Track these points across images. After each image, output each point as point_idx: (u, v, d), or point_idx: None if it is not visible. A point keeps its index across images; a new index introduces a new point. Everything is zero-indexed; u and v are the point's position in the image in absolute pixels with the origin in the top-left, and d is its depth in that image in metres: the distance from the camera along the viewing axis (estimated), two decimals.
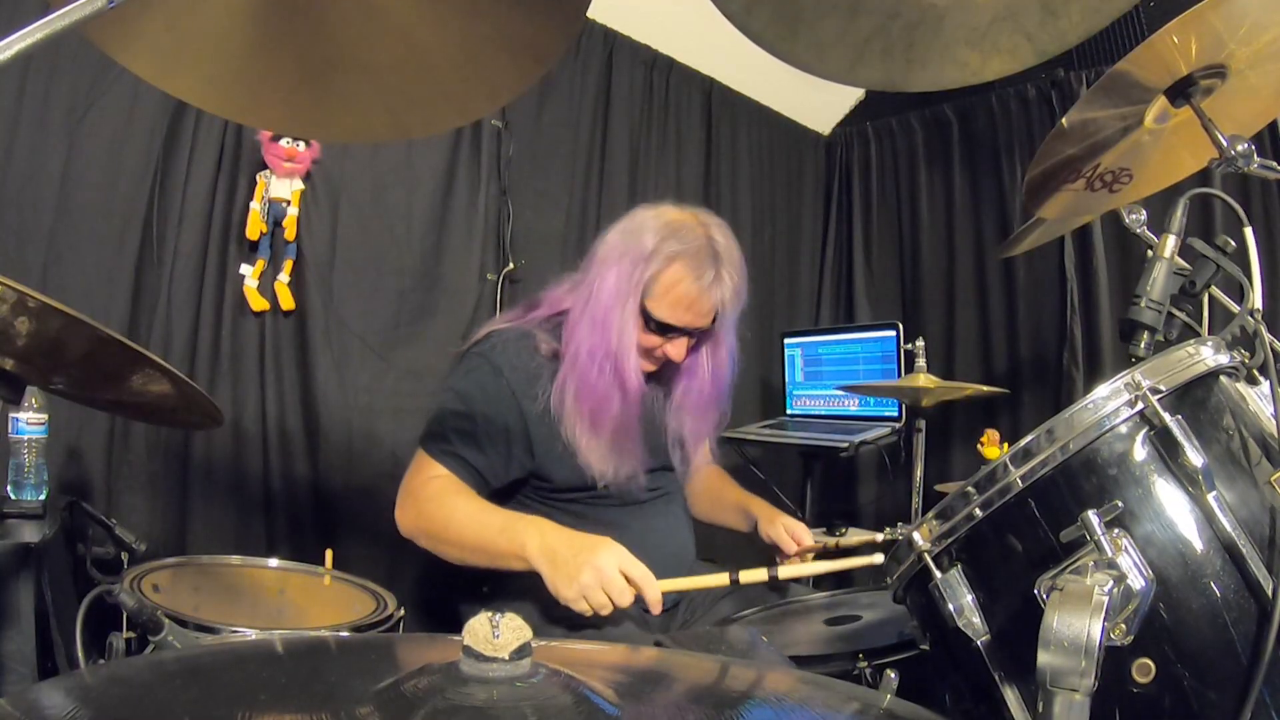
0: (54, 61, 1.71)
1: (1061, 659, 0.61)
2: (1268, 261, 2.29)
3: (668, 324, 1.41)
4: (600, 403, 1.40)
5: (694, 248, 1.40)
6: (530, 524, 1.31)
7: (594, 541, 1.27)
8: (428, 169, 2.28)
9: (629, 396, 1.42)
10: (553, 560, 1.26)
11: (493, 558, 1.32)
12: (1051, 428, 0.77)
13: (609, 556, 1.24)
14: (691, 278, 1.39)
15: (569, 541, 1.27)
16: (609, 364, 1.40)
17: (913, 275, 3.17)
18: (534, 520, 1.32)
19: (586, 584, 1.22)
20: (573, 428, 1.40)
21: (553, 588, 1.25)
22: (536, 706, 0.54)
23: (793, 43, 0.93)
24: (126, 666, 0.76)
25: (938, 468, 2.81)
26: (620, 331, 1.40)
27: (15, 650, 1.16)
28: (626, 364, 1.40)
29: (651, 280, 1.40)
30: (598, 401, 1.40)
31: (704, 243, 1.41)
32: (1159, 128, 1.10)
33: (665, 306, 1.41)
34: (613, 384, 1.40)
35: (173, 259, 1.88)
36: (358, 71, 0.78)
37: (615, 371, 1.40)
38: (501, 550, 1.30)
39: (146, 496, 1.82)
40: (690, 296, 1.40)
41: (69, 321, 0.80)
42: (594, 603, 1.22)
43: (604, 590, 1.22)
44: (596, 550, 1.24)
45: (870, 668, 1.09)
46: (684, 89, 2.94)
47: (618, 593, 1.22)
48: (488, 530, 1.32)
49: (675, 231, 1.42)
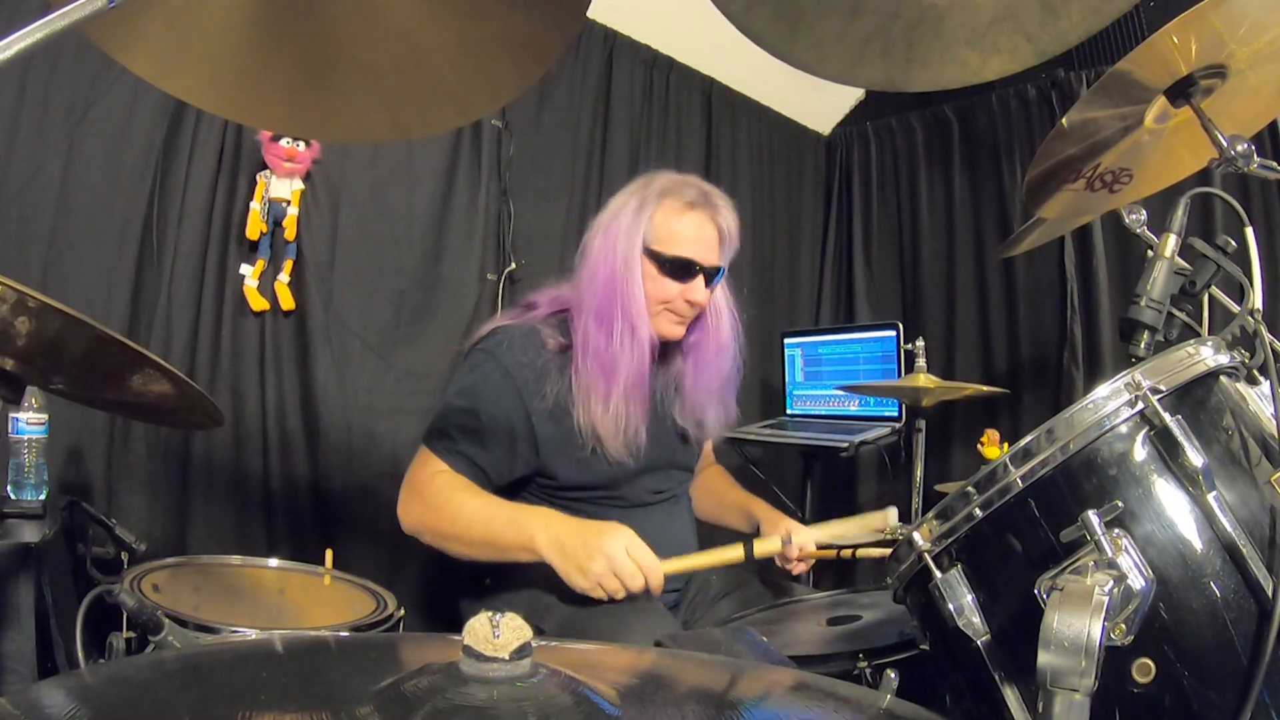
0: (54, 61, 1.71)
1: (1062, 659, 0.61)
2: (1268, 261, 2.29)
3: (676, 258, 1.42)
4: (613, 362, 1.39)
5: (677, 182, 1.46)
6: (537, 515, 1.32)
7: (600, 528, 1.28)
8: (428, 169, 2.28)
9: (639, 346, 1.41)
10: (563, 551, 1.27)
11: (500, 551, 1.32)
12: (1051, 428, 0.76)
13: (616, 542, 1.26)
14: (684, 203, 1.43)
15: (577, 531, 1.29)
16: (619, 320, 1.40)
17: (913, 275, 3.17)
18: (540, 511, 1.33)
19: (599, 572, 1.24)
20: (586, 406, 1.39)
21: (566, 578, 1.27)
22: (536, 706, 0.54)
23: (793, 43, 0.93)
24: (126, 666, 0.76)
25: (938, 468, 2.81)
26: (627, 284, 1.41)
27: (15, 650, 1.16)
28: (636, 314, 1.40)
29: (648, 224, 1.42)
30: (611, 362, 1.39)
31: (686, 179, 1.47)
32: (1159, 128, 1.09)
33: (670, 240, 1.42)
34: (624, 338, 1.40)
35: (173, 259, 1.88)
36: (358, 71, 0.78)
37: (625, 324, 1.40)
38: (509, 543, 1.31)
39: (146, 496, 1.82)
40: (688, 218, 1.42)
41: (69, 321, 0.80)
42: (608, 589, 1.25)
43: (616, 576, 1.24)
44: (604, 536, 1.26)
45: (870, 668, 1.09)
46: (684, 89, 2.94)
47: (629, 577, 1.25)
48: (495, 523, 1.33)
49: (652, 179, 1.47)
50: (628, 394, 1.40)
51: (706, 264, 1.44)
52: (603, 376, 1.39)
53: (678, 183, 1.45)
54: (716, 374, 1.56)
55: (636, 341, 1.40)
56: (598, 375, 1.39)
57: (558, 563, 1.27)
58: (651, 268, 1.42)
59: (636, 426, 1.42)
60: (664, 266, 1.42)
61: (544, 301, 1.53)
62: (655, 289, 1.43)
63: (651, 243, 1.42)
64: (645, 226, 1.42)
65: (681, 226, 1.42)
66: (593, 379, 1.39)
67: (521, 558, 1.31)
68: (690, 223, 1.43)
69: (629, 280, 1.41)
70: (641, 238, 1.42)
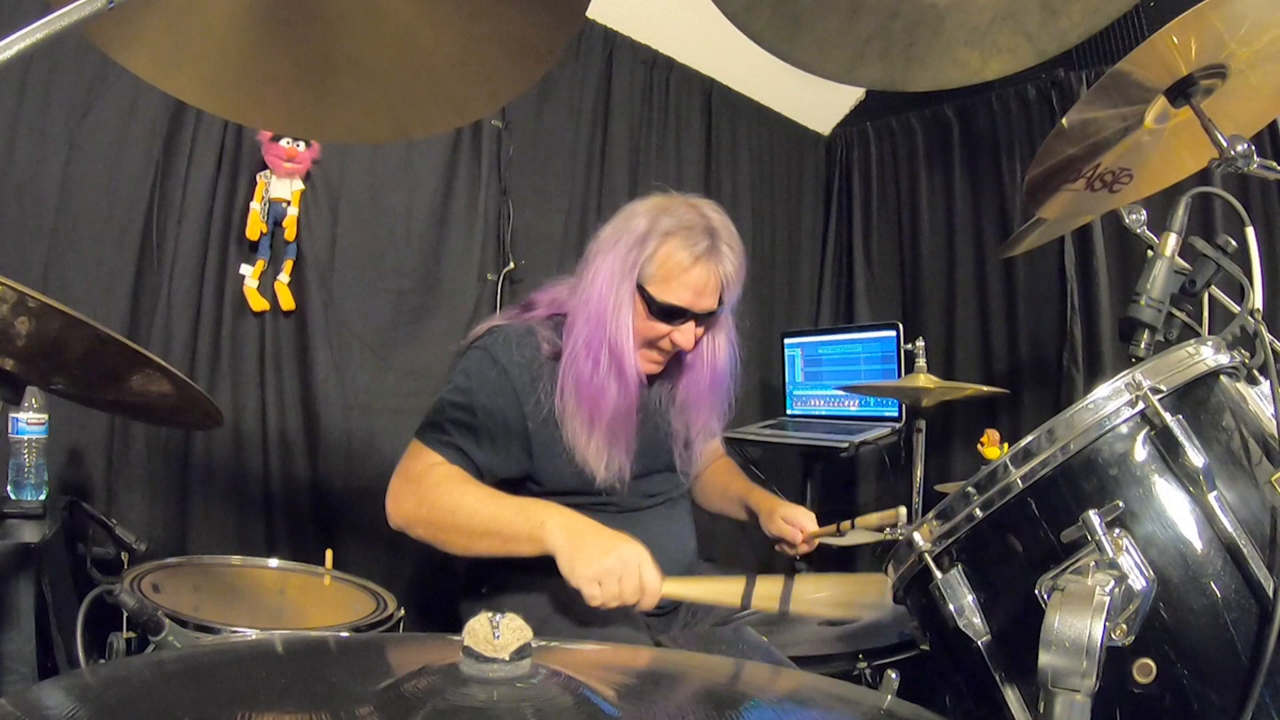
0: (54, 61, 1.71)
1: (1062, 659, 0.61)
2: (1268, 261, 2.29)
3: (670, 306, 1.37)
4: (597, 394, 1.36)
5: (688, 222, 1.38)
6: (547, 505, 1.30)
7: (621, 535, 1.25)
8: (428, 169, 2.28)
9: (626, 386, 1.37)
10: (578, 536, 1.24)
11: (506, 541, 1.28)
12: (1052, 428, 0.76)
13: (634, 552, 1.22)
14: (689, 253, 1.35)
15: (596, 526, 1.26)
16: (605, 354, 1.36)
17: (913, 275, 3.17)
18: (551, 503, 1.31)
19: (609, 567, 1.20)
20: (573, 427, 1.37)
21: (570, 565, 1.22)
22: (536, 707, 0.54)
23: (793, 43, 0.93)
24: (126, 666, 0.76)
25: (938, 468, 2.81)
26: (616, 318, 1.36)
27: (15, 650, 1.16)
28: (623, 352, 1.36)
29: (648, 260, 1.37)
30: (595, 393, 1.36)
31: (698, 218, 1.39)
32: (1159, 128, 1.09)
33: (665, 286, 1.37)
34: (609, 374, 1.36)
35: (173, 259, 1.88)
36: (358, 71, 0.78)
37: (612, 361, 1.36)
38: (517, 530, 1.27)
39: (146, 496, 1.82)
40: (690, 272, 1.36)
41: (69, 321, 0.80)
42: (606, 590, 1.20)
43: (619, 582, 1.20)
44: (624, 542, 1.23)
45: (870, 668, 1.09)
46: (684, 89, 2.94)
47: (630, 590, 1.21)
48: (504, 511, 1.29)
49: (667, 210, 1.40)
50: (611, 430, 1.37)
51: (700, 310, 1.39)
52: (586, 405, 1.36)
53: (688, 225, 1.37)
54: (706, 410, 1.53)
55: (624, 380, 1.37)
56: (582, 402, 1.36)
57: (567, 548, 1.23)
58: (642, 307, 1.38)
59: (620, 463, 1.39)
60: (654, 309, 1.38)
61: (543, 302, 1.52)
62: (643, 326, 1.39)
63: (647, 282, 1.37)
64: (644, 265, 1.37)
65: (681, 277, 1.36)
66: (576, 403, 1.37)
67: (524, 549, 1.27)
68: (691, 275, 1.37)
69: (619, 317, 1.37)
70: (638, 274, 1.37)
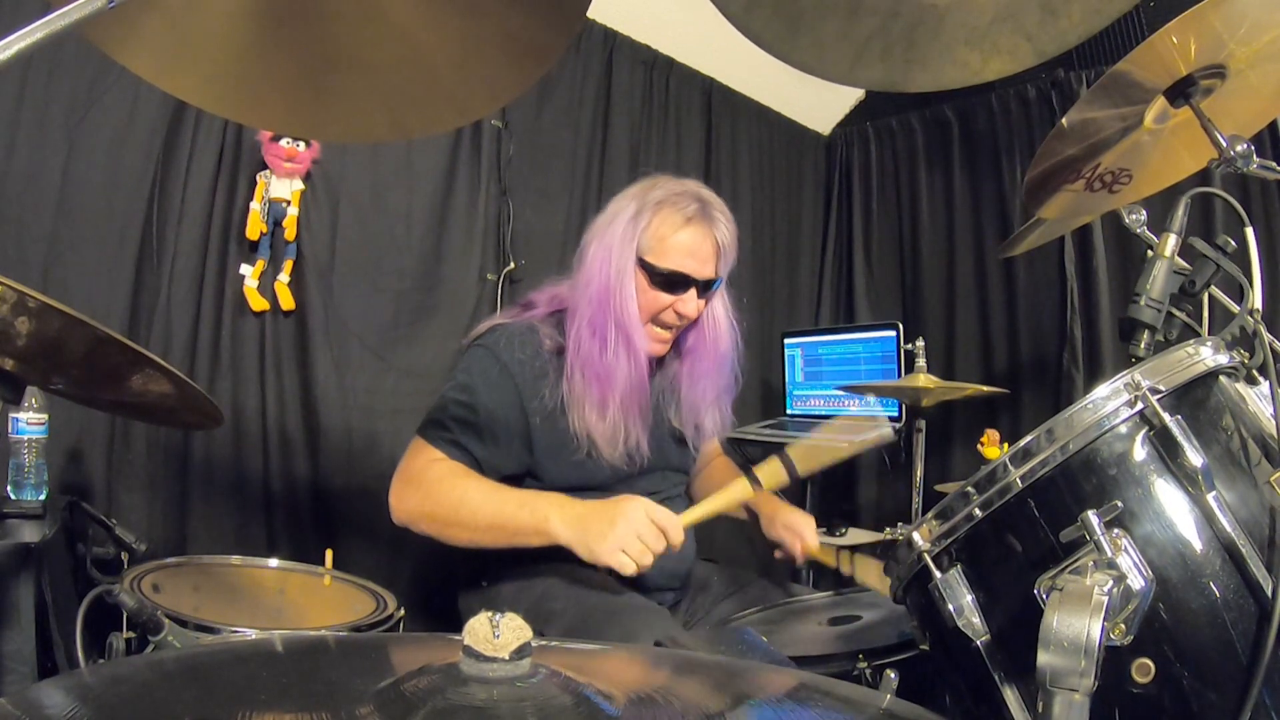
0: (54, 61, 1.71)
1: (1061, 659, 0.61)
2: (1268, 261, 2.30)
3: (671, 272, 1.40)
4: (608, 372, 1.38)
5: (677, 190, 1.43)
6: (549, 498, 1.31)
7: (616, 499, 1.28)
8: (428, 169, 2.28)
9: (636, 357, 1.40)
10: (582, 525, 1.26)
11: (510, 535, 1.30)
12: (1051, 428, 0.77)
13: (635, 506, 1.25)
14: (680, 215, 1.41)
15: (592, 506, 1.28)
16: (612, 330, 1.38)
17: (913, 275, 3.17)
18: (551, 495, 1.33)
19: (622, 535, 1.23)
20: (581, 413, 1.38)
21: (588, 552, 1.25)
22: (536, 707, 0.54)
23: (793, 43, 0.93)
24: (126, 666, 0.76)
25: (938, 468, 2.81)
26: (620, 292, 1.39)
27: (15, 650, 1.16)
28: (630, 325, 1.39)
29: (643, 233, 1.40)
30: (605, 371, 1.38)
31: (686, 188, 1.44)
32: (1159, 128, 1.09)
33: (663, 253, 1.40)
34: (618, 349, 1.38)
35: (173, 259, 1.88)
36: (358, 71, 0.78)
37: (619, 335, 1.38)
38: (522, 525, 1.29)
39: (146, 496, 1.82)
40: (683, 232, 1.40)
41: (69, 321, 0.80)
42: (632, 553, 1.22)
43: (639, 538, 1.22)
44: (621, 504, 1.26)
45: (870, 668, 1.09)
46: (684, 89, 2.94)
47: (653, 539, 1.23)
48: (508, 506, 1.31)
49: (654, 186, 1.45)
50: (625, 403, 1.39)
51: (700, 277, 1.42)
52: (596, 385, 1.38)
53: (676, 193, 1.43)
54: (713, 383, 1.54)
55: (633, 352, 1.39)
56: (591, 384, 1.38)
57: (576, 538, 1.25)
58: (644, 279, 1.41)
59: (637, 436, 1.41)
60: (656, 279, 1.40)
61: (543, 301, 1.53)
62: (647, 301, 1.41)
63: (645, 254, 1.41)
64: (640, 237, 1.41)
65: (677, 240, 1.40)
66: (586, 387, 1.38)
67: (531, 541, 1.29)
68: (686, 237, 1.40)
69: (622, 291, 1.39)
70: (635, 248, 1.40)
